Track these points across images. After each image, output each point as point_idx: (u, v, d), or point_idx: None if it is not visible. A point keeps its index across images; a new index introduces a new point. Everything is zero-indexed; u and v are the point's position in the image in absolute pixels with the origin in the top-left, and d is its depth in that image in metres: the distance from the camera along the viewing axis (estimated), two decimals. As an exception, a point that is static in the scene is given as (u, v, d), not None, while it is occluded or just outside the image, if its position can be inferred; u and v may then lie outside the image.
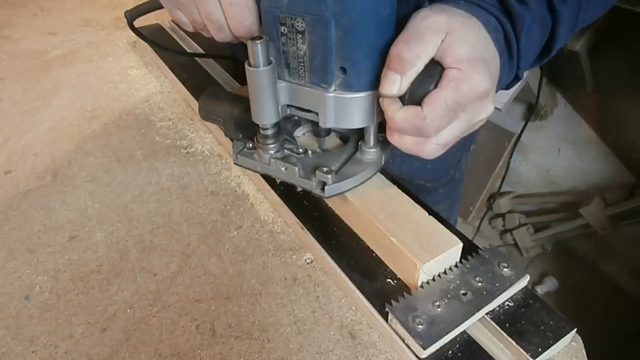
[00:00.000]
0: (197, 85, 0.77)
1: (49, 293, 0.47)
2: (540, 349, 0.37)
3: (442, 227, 0.44)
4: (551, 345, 0.37)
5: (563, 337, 0.38)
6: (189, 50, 0.88)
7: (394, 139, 0.41)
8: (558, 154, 1.88)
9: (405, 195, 0.48)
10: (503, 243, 2.03)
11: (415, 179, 0.75)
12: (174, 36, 0.95)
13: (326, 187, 0.46)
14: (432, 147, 0.40)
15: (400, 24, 0.40)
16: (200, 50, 0.88)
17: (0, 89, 0.85)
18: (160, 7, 0.54)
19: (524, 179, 2.01)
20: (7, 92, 0.84)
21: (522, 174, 2.00)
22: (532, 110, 1.74)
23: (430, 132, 0.38)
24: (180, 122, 0.74)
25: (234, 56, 0.81)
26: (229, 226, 0.54)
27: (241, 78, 0.77)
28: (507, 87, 0.49)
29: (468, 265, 0.43)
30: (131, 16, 0.68)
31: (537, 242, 1.93)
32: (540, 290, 1.81)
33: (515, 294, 0.42)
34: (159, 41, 0.79)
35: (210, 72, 0.81)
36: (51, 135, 0.72)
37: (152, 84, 0.84)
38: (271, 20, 0.41)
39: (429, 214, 0.46)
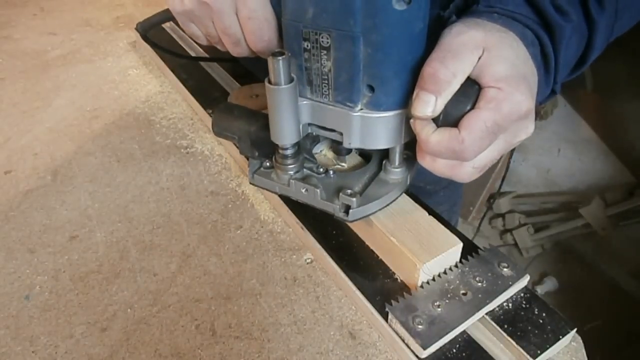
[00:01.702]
0: (197, 85, 0.77)
1: (49, 293, 0.47)
2: (540, 349, 0.37)
3: (442, 227, 0.44)
4: (551, 345, 0.37)
5: (563, 337, 0.38)
6: (193, 55, 0.88)
7: (426, 162, 0.39)
8: (558, 154, 1.88)
9: (405, 195, 0.48)
10: (503, 243, 2.03)
11: (416, 181, 0.75)
12: (174, 36, 0.95)
13: (350, 211, 0.43)
14: (468, 171, 0.38)
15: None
16: (201, 51, 0.88)
17: (0, 89, 0.85)
18: (172, 18, 0.52)
19: (524, 179, 2.01)
20: (7, 92, 0.84)
21: (522, 174, 2.00)
22: (532, 110, 1.74)
23: (469, 155, 0.36)
24: (180, 122, 0.74)
25: (234, 58, 0.81)
26: (229, 226, 0.54)
27: (241, 79, 0.78)
28: (542, 103, 0.46)
29: (468, 265, 0.43)
30: (143, 28, 0.67)
31: (537, 242, 1.93)
32: (540, 290, 1.81)
33: (515, 294, 0.42)
34: (159, 42, 0.79)
35: (211, 72, 0.81)
36: (51, 135, 0.72)
37: (152, 84, 0.84)
38: (293, 35, 0.39)
39: (429, 214, 0.46)
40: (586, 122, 1.79)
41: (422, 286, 0.41)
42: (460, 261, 0.44)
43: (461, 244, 0.43)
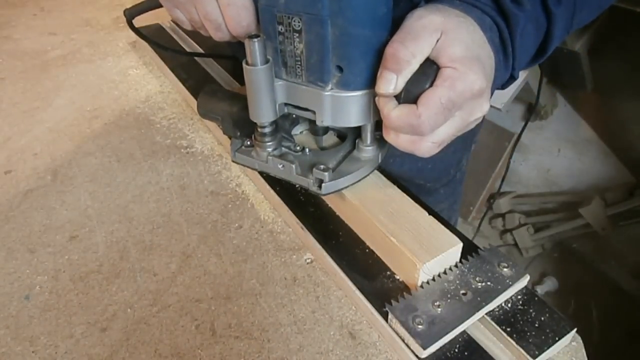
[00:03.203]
0: (197, 85, 0.77)
1: (49, 293, 0.47)
2: (540, 349, 0.37)
3: (442, 227, 0.44)
4: (551, 345, 0.37)
5: (563, 337, 0.38)
6: (188, 50, 0.88)
7: (390, 137, 0.41)
8: (558, 154, 1.88)
9: (405, 195, 0.48)
10: (503, 243, 2.03)
11: (416, 179, 0.75)
12: (174, 36, 0.95)
13: (323, 185, 0.47)
14: (427, 146, 0.40)
15: (396, 24, 0.40)
16: (200, 50, 0.88)
17: (0, 89, 0.85)
18: (159, 5, 0.54)
19: (524, 179, 2.01)
20: (7, 92, 0.84)
21: (522, 174, 2.00)
22: (532, 110, 1.74)
23: (425, 130, 0.38)
24: (180, 122, 0.74)
25: (233, 56, 0.81)
26: (229, 226, 0.54)
27: (241, 78, 0.77)
28: (503, 87, 0.50)
29: (468, 265, 0.43)
30: (130, 15, 0.68)
31: (537, 242, 1.93)
32: (540, 290, 1.81)
33: (515, 294, 0.42)
34: (158, 41, 0.79)
35: (210, 71, 0.81)
36: (51, 135, 0.72)
37: (152, 84, 0.84)
38: (268, 19, 0.42)
39: (429, 213, 0.46)
40: (586, 122, 1.79)
41: (422, 286, 0.41)
42: (460, 261, 0.44)
43: (461, 244, 0.43)
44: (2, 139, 0.71)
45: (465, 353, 0.38)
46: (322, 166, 0.47)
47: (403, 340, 0.39)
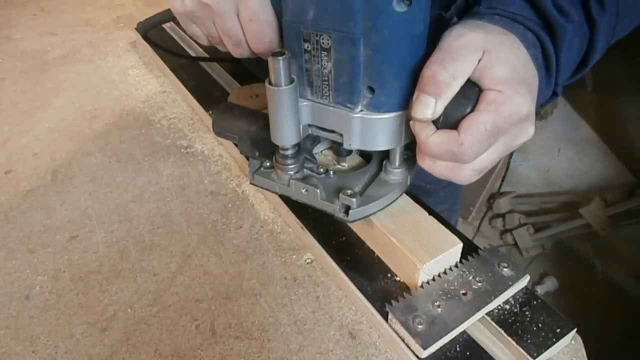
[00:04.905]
0: (197, 85, 0.77)
1: (49, 293, 0.47)
2: (540, 349, 0.37)
3: (442, 227, 0.44)
4: (551, 345, 0.37)
5: (563, 337, 0.38)
6: (193, 55, 0.88)
7: (426, 164, 0.39)
8: (558, 154, 1.88)
9: (405, 195, 0.48)
10: (503, 243, 2.03)
11: (416, 181, 0.75)
12: (174, 36, 0.95)
13: (350, 211, 0.43)
14: (467, 173, 0.38)
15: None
16: (201, 51, 0.88)
17: (0, 89, 0.85)
18: (173, 18, 0.52)
19: (524, 179, 2.01)
20: (7, 92, 0.84)
21: (522, 174, 2.00)
22: (532, 110, 1.74)
23: (468, 158, 0.35)
24: (180, 122, 0.74)
25: (235, 58, 0.81)
26: (229, 226, 0.54)
27: (241, 78, 0.78)
28: (543, 105, 0.46)
29: (468, 265, 0.43)
30: (143, 28, 0.67)
31: (537, 242, 1.93)
32: (540, 290, 1.81)
33: (515, 294, 0.42)
34: (159, 42, 0.79)
35: (211, 72, 0.81)
36: (51, 135, 0.72)
37: (152, 84, 0.84)
38: (294, 36, 0.39)
39: (429, 214, 0.46)
40: (586, 122, 1.79)
41: (422, 286, 0.41)
42: (460, 261, 0.44)
43: (461, 244, 0.43)
44: (2, 139, 0.71)
45: (466, 353, 0.39)
46: (349, 191, 0.43)
47: (403, 340, 0.39)
